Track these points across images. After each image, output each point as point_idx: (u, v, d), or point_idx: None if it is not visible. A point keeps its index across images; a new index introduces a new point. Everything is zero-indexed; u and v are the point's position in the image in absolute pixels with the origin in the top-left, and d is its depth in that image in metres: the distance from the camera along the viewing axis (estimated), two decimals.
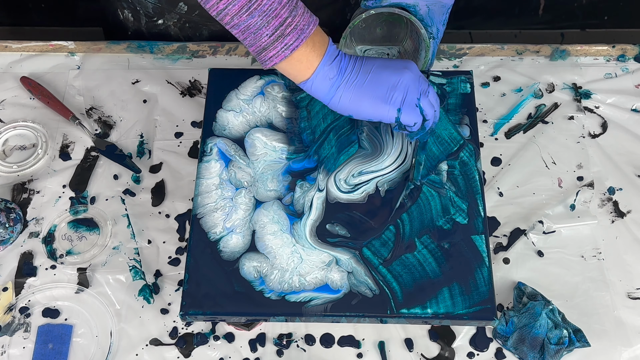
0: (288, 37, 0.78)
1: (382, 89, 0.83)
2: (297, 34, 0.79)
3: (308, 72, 0.82)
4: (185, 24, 1.17)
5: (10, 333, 0.92)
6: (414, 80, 0.84)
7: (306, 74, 0.82)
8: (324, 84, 0.82)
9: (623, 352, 0.90)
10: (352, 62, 0.84)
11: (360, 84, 0.83)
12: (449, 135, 0.94)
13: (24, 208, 1.02)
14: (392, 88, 0.83)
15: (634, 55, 1.14)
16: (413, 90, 0.84)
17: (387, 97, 0.83)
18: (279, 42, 0.79)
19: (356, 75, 0.83)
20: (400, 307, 0.84)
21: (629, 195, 1.01)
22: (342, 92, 0.83)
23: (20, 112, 1.10)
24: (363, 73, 0.83)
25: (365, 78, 0.83)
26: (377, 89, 0.83)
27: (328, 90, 0.83)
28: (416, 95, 0.84)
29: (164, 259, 0.98)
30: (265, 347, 0.92)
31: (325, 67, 0.82)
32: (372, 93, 0.83)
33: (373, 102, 0.83)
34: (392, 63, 0.85)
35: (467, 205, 0.90)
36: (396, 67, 0.84)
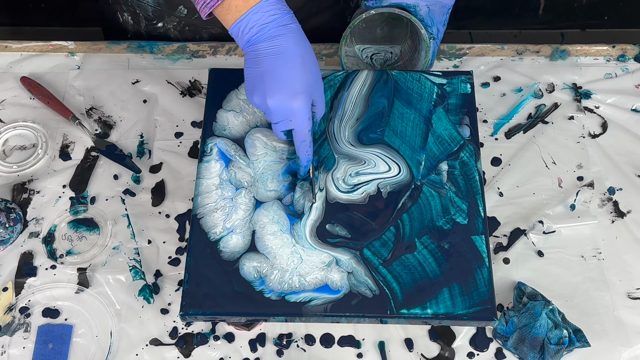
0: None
1: (255, 90, 0.84)
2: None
3: (226, 28, 0.85)
4: (185, 27, 1.17)
5: (10, 333, 0.92)
6: (273, 112, 0.85)
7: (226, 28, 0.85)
8: (239, 43, 0.85)
9: (623, 352, 0.90)
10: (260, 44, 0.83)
11: (248, 66, 0.84)
12: (449, 135, 0.94)
13: (24, 208, 1.02)
14: (253, 100, 0.85)
15: (634, 55, 1.14)
16: (270, 117, 0.86)
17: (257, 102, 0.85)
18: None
19: (251, 57, 0.84)
20: (400, 308, 0.84)
21: (629, 195, 1.01)
22: (248, 53, 0.84)
23: (20, 112, 1.10)
24: (254, 62, 0.83)
25: (253, 66, 0.84)
26: (254, 87, 0.84)
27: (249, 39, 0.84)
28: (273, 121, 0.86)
29: (164, 259, 0.98)
30: (265, 347, 0.92)
31: (234, 32, 0.83)
32: (247, 84, 0.85)
33: (245, 87, 0.86)
34: (276, 79, 0.84)
35: (467, 205, 0.90)
36: (269, 87, 0.83)
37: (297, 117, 0.85)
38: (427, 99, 0.97)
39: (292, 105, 0.83)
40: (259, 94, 0.84)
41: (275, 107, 0.84)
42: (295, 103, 0.83)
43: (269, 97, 0.83)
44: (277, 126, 0.87)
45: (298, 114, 0.84)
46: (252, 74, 0.84)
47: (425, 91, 0.97)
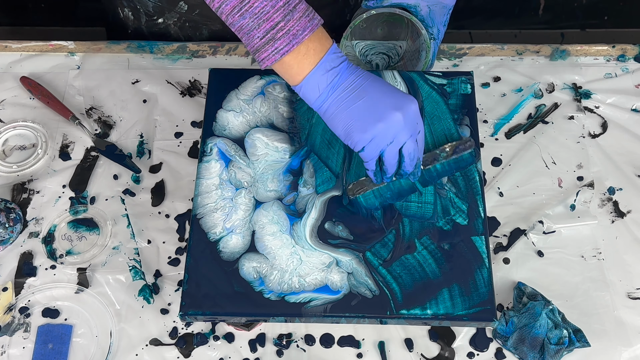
0: (279, 41, 0.78)
1: (366, 123, 0.81)
2: (288, 39, 0.78)
3: (298, 77, 0.81)
4: (186, 23, 1.17)
5: (10, 333, 0.93)
6: (406, 125, 0.81)
7: (296, 79, 0.81)
8: (312, 93, 0.81)
9: (623, 352, 0.90)
10: (349, 78, 0.81)
11: (347, 107, 0.81)
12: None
13: (23, 208, 1.02)
14: (378, 127, 0.80)
15: (634, 55, 1.14)
16: (401, 136, 0.81)
17: (366, 136, 0.81)
18: (269, 46, 0.78)
19: (347, 95, 0.81)
20: (400, 308, 0.84)
21: (629, 195, 1.01)
22: (327, 107, 0.81)
23: (20, 112, 1.10)
24: (355, 96, 0.81)
25: (355, 102, 0.81)
26: (362, 121, 0.81)
27: (315, 100, 0.82)
28: (401, 142, 0.82)
29: (163, 259, 0.98)
30: (265, 347, 0.92)
31: (316, 76, 0.80)
32: (353, 123, 0.81)
33: (350, 133, 0.82)
34: (394, 94, 0.81)
35: (467, 206, 0.90)
36: (395, 101, 0.81)
37: (420, 118, 0.83)
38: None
39: (416, 107, 0.81)
40: (386, 117, 0.80)
41: (406, 117, 0.80)
42: (416, 104, 0.81)
43: (397, 109, 0.80)
44: (411, 140, 0.82)
45: (420, 114, 0.83)
46: (362, 106, 0.80)
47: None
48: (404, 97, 0.82)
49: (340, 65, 0.81)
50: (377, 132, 0.80)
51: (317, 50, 0.80)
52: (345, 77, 0.81)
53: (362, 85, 0.81)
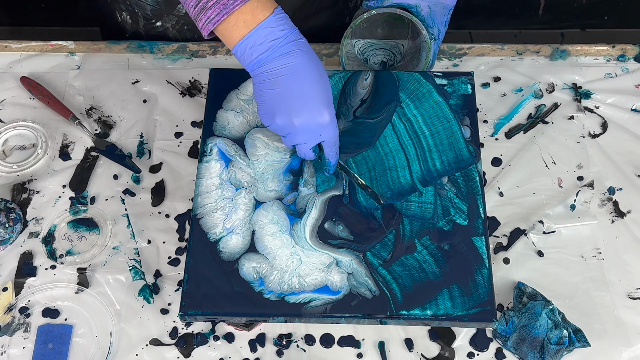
0: (210, 10, 0.78)
1: (267, 113, 0.82)
2: (218, 9, 0.78)
3: (230, 47, 0.81)
4: (184, 26, 1.17)
5: (10, 333, 0.93)
6: (300, 131, 0.82)
7: (230, 47, 0.81)
8: (242, 63, 0.82)
9: (623, 352, 0.90)
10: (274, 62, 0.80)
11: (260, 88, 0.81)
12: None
13: (23, 208, 1.02)
14: (274, 123, 0.82)
15: (634, 55, 1.14)
16: (294, 137, 0.83)
17: (266, 122, 0.83)
18: (202, 15, 0.79)
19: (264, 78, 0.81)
20: (400, 309, 0.84)
21: (629, 195, 1.01)
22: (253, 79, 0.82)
23: (20, 112, 1.10)
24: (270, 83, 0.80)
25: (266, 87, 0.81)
26: (266, 109, 0.82)
27: (246, 68, 0.82)
28: (295, 142, 0.84)
29: (163, 259, 0.98)
30: (265, 348, 0.92)
31: (241, 49, 0.80)
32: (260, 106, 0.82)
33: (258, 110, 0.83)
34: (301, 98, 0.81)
35: (467, 206, 0.90)
36: (296, 107, 0.81)
37: (327, 130, 0.83)
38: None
39: (321, 120, 0.81)
40: (282, 116, 0.81)
41: (304, 126, 0.81)
42: (323, 118, 0.81)
43: (295, 116, 0.81)
44: (305, 146, 0.84)
45: (328, 127, 0.83)
46: (269, 95, 0.81)
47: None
48: (312, 106, 0.81)
49: (271, 42, 0.79)
50: (272, 124, 0.83)
51: (248, 22, 0.79)
52: (272, 57, 0.80)
53: (282, 75, 0.80)
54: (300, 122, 0.81)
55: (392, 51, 1.10)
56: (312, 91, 0.81)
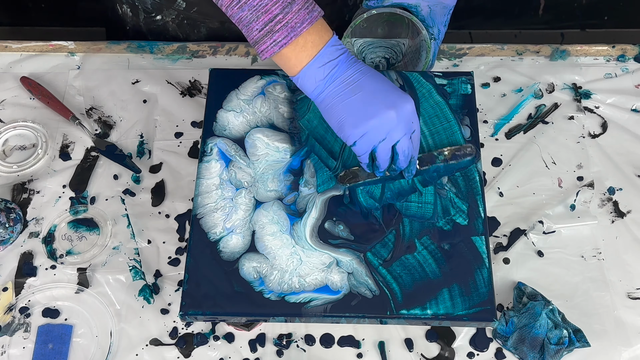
0: (277, 33, 0.79)
1: (358, 118, 0.81)
2: (286, 31, 0.79)
3: (295, 69, 0.82)
4: (184, 20, 1.17)
5: (10, 333, 0.93)
6: (399, 123, 0.81)
7: (294, 71, 0.82)
8: (309, 84, 0.82)
9: (623, 352, 0.90)
10: (347, 72, 0.82)
11: (341, 100, 0.81)
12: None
13: (24, 208, 1.02)
14: (371, 123, 0.81)
15: (634, 55, 1.14)
16: (394, 134, 0.82)
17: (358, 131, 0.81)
18: (268, 38, 0.79)
19: (343, 89, 0.81)
20: (400, 308, 0.84)
21: (629, 195, 1.01)
22: (323, 99, 0.82)
23: (20, 112, 1.10)
24: (350, 91, 0.81)
25: (349, 96, 0.81)
26: (354, 116, 0.81)
27: (311, 92, 0.83)
28: (394, 140, 0.83)
29: (164, 259, 0.98)
30: (265, 348, 0.92)
31: (312, 69, 0.81)
32: (346, 117, 0.82)
33: (343, 126, 0.82)
34: (389, 92, 0.82)
35: (468, 206, 0.90)
36: (390, 99, 0.81)
37: (416, 118, 0.84)
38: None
39: (411, 106, 0.82)
40: (379, 113, 0.80)
41: (402, 116, 0.81)
42: (412, 104, 0.82)
43: (391, 108, 0.80)
44: (405, 138, 0.83)
45: (416, 114, 0.83)
46: (356, 100, 0.81)
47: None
48: (399, 95, 0.82)
49: (339, 57, 0.81)
50: (369, 128, 0.81)
51: (316, 42, 0.80)
52: (343, 70, 0.81)
53: (359, 80, 0.81)
54: (396, 112, 0.81)
55: (393, 50, 1.10)
56: (390, 85, 0.83)
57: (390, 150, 0.84)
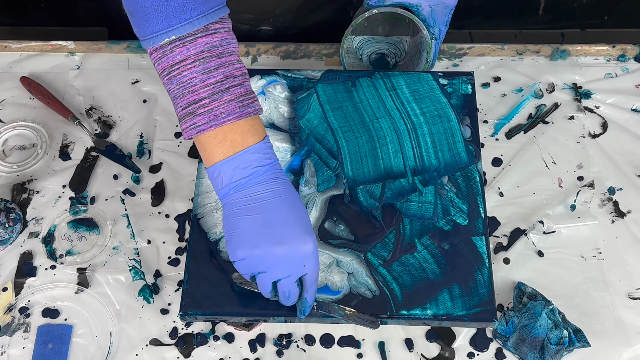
0: (198, 117, 0.73)
1: (243, 241, 0.75)
2: (208, 118, 0.73)
3: (207, 162, 0.76)
4: None
5: (10, 333, 0.92)
6: (284, 263, 0.75)
7: (206, 163, 0.77)
8: (216, 182, 0.76)
9: (623, 352, 0.90)
10: (255, 187, 0.74)
11: (236, 215, 0.75)
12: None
13: (23, 208, 1.02)
14: (253, 252, 0.75)
15: (634, 55, 1.14)
16: (275, 271, 0.76)
17: (239, 254, 0.75)
18: (189, 118, 0.74)
19: (243, 204, 0.75)
20: (400, 309, 0.84)
21: (629, 195, 1.01)
22: (225, 204, 0.77)
23: (20, 112, 1.10)
24: (249, 209, 0.74)
25: (245, 214, 0.75)
26: (241, 237, 0.75)
27: (217, 190, 0.77)
28: (275, 277, 0.77)
29: (163, 259, 0.98)
30: (265, 348, 0.92)
31: (222, 169, 0.75)
32: (236, 233, 0.75)
33: (229, 241, 0.76)
34: (290, 226, 0.74)
35: (468, 206, 0.90)
36: (284, 235, 0.74)
37: (311, 261, 0.76)
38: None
39: (307, 249, 0.75)
40: (264, 245, 0.74)
41: (288, 255, 0.75)
42: (309, 246, 0.75)
43: (280, 244, 0.74)
44: (289, 279, 0.77)
45: (312, 257, 0.76)
46: (247, 222, 0.74)
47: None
48: (299, 233, 0.75)
49: (257, 168, 0.75)
50: (250, 255, 0.75)
51: (236, 143, 0.74)
52: (253, 183, 0.75)
53: (264, 200, 0.75)
54: (285, 250, 0.74)
55: (396, 46, 1.10)
56: (296, 218, 0.75)
57: (270, 284, 0.78)
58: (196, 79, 0.73)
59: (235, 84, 0.74)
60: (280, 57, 1.15)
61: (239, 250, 0.75)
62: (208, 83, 0.73)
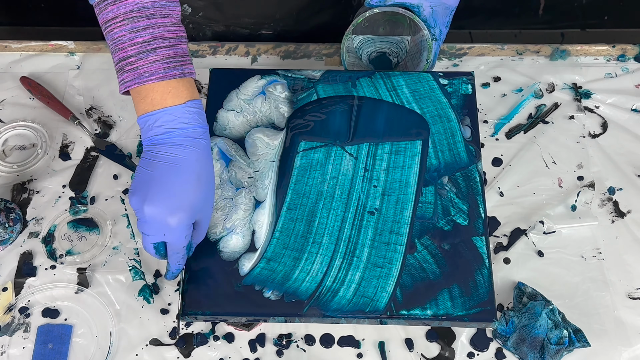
0: (126, 74, 0.77)
1: (134, 189, 0.78)
2: (133, 75, 0.76)
3: (136, 113, 0.79)
4: (189, 25, 1.17)
5: (10, 333, 0.92)
6: (147, 222, 0.78)
7: (136, 113, 0.79)
8: (141, 131, 0.80)
9: (623, 352, 0.90)
10: (163, 146, 0.77)
11: (141, 164, 0.78)
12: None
13: (23, 208, 1.02)
14: (131, 201, 0.78)
15: (634, 55, 1.14)
16: (142, 226, 0.79)
17: (129, 199, 0.78)
18: (119, 74, 0.78)
19: (147, 156, 0.78)
20: (400, 309, 0.84)
21: (629, 195, 1.01)
22: (142, 153, 0.79)
23: (20, 112, 1.10)
24: (146, 163, 0.78)
25: (144, 166, 0.78)
26: (134, 186, 0.78)
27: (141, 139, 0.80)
28: (141, 230, 0.79)
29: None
30: (265, 348, 0.92)
31: (141, 122, 0.78)
32: (133, 182, 0.79)
33: (131, 185, 0.79)
34: (169, 189, 0.77)
35: (468, 206, 0.90)
36: (156, 197, 0.76)
37: (172, 234, 0.79)
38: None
39: (169, 220, 0.77)
40: (138, 198, 0.77)
41: (150, 217, 0.77)
42: (172, 219, 0.77)
43: (147, 204, 0.76)
44: (147, 238, 0.80)
45: (173, 231, 0.78)
46: (142, 175, 0.78)
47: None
48: (168, 204, 0.77)
49: (169, 129, 0.77)
50: (131, 200, 0.78)
51: (154, 102, 0.77)
52: (164, 142, 0.77)
53: (161, 161, 0.77)
54: (149, 212, 0.77)
55: (398, 45, 1.10)
56: (178, 190, 0.77)
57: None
58: (125, 37, 0.76)
59: (164, 45, 0.77)
60: (280, 57, 1.15)
61: (129, 195, 0.79)
62: (135, 42, 0.76)
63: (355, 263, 0.86)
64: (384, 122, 0.95)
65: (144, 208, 0.77)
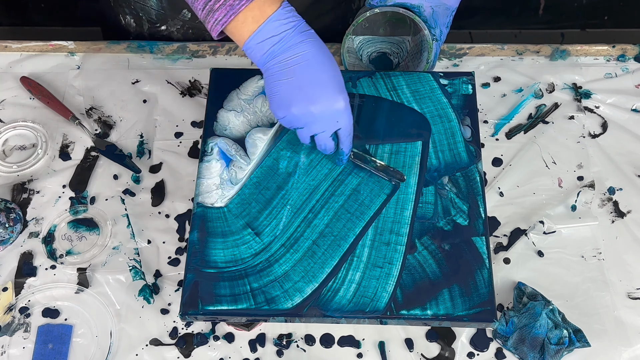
0: (217, 12, 0.80)
1: (282, 104, 0.83)
2: (225, 10, 0.79)
3: (240, 44, 0.82)
4: (189, 30, 1.17)
5: (10, 333, 0.92)
6: (320, 119, 0.83)
7: (240, 44, 0.83)
8: (253, 58, 0.83)
9: (623, 352, 0.90)
10: (287, 52, 0.81)
11: (273, 80, 0.82)
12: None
13: (23, 208, 1.02)
14: (290, 111, 0.82)
15: (634, 55, 1.14)
16: (312, 127, 0.84)
17: (279, 114, 0.83)
18: (210, 17, 0.80)
19: (277, 70, 0.82)
20: (400, 309, 0.84)
21: (629, 195, 1.01)
22: (265, 73, 0.83)
23: (20, 112, 1.10)
24: (282, 74, 0.81)
25: (280, 79, 0.82)
26: (280, 100, 0.82)
27: (258, 64, 0.83)
28: (312, 131, 0.85)
29: (163, 259, 0.98)
30: (265, 348, 0.92)
31: (253, 44, 0.81)
32: (275, 97, 0.83)
33: (271, 104, 0.84)
34: (321, 85, 0.82)
35: (468, 206, 0.90)
36: (316, 94, 0.82)
37: (343, 117, 0.84)
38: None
39: (338, 106, 0.82)
40: (299, 105, 0.82)
41: (322, 113, 0.82)
42: (340, 104, 0.82)
43: (313, 104, 0.81)
44: (324, 134, 0.85)
45: (345, 113, 0.84)
46: (284, 86, 0.82)
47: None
48: (329, 91, 0.82)
49: (282, 34, 0.81)
50: (288, 114, 0.83)
51: (256, 18, 0.80)
52: (284, 49, 0.81)
53: (296, 64, 0.81)
54: (319, 109, 0.82)
55: (399, 46, 1.10)
56: (326, 78, 0.82)
57: (308, 138, 0.86)
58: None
59: None
60: None
61: (279, 111, 0.83)
62: None
63: (356, 263, 0.86)
64: (385, 121, 0.95)
65: (312, 110, 0.81)
